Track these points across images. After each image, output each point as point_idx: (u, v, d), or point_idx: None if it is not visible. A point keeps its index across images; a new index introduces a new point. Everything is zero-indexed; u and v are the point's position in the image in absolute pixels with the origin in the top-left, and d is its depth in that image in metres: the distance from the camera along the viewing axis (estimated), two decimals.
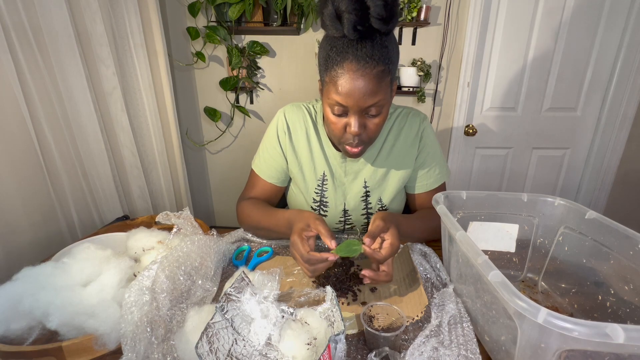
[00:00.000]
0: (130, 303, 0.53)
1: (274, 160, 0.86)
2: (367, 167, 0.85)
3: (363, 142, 0.69)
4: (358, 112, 0.64)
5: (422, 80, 1.72)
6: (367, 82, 0.60)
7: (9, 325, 0.54)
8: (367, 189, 0.86)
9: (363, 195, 0.87)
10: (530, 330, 0.40)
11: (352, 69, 0.59)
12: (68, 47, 1.06)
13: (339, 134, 0.69)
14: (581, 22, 1.64)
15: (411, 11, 1.58)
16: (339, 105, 0.64)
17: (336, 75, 0.61)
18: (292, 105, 0.87)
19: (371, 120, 0.66)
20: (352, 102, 0.62)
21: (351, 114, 0.65)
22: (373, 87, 0.60)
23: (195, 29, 1.62)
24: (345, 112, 0.65)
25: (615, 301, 0.57)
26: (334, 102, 0.64)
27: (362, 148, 0.71)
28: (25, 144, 0.94)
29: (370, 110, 0.64)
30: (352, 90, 0.60)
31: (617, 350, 0.35)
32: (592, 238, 0.62)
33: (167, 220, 0.81)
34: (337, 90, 0.62)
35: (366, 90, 0.60)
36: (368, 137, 0.69)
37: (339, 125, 0.68)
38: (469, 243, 0.52)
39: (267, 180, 0.87)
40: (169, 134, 1.59)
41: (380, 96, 0.62)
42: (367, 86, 0.60)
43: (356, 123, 0.64)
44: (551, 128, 1.83)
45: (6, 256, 0.88)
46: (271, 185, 0.88)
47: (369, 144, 0.73)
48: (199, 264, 0.67)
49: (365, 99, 0.61)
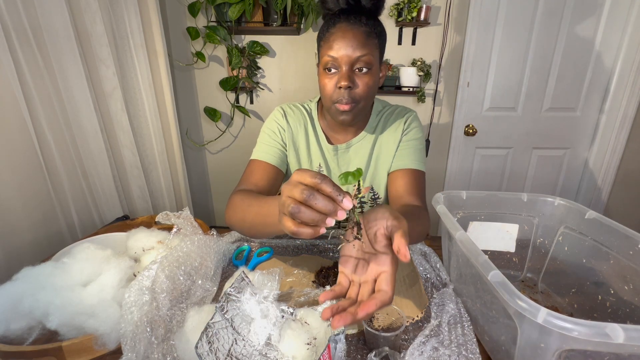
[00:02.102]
0: (130, 303, 0.53)
1: (275, 145, 0.86)
2: (358, 158, 0.87)
3: (353, 99, 0.73)
4: (348, 64, 0.70)
5: (422, 80, 1.72)
6: (355, 35, 0.69)
7: (9, 325, 0.54)
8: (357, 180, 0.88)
9: (355, 185, 0.87)
10: (530, 330, 0.40)
11: (343, 27, 0.70)
12: (68, 48, 1.06)
13: (331, 92, 0.74)
14: (581, 22, 1.64)
15: (411, 11, 1.58)
16: (331, 59, 0.71)
17: (329, 35, 0.71)
18: (287, 104, 0.91)
19: (360, 77, 0.72)
20: (342, 52, 0.70)
21: (342, 69, 0.71)
22: (361, 40, 0.69)
23: (195, 29, 1.62)
24: (336, 66, 0.72)
25: (615, 301, 0.57)
26: (327, 60, 0.72)
27: (352, 107, 0.74)
28: (25, 144, 0.94)
29: (358, 63, 0.70)
30: (342, 43, 0.69)
31: (617, 350, 0.36)
32: (592, 238, 0.62)
33: (167, 220, 0.81)
34: (330, 46, 0.71)
35: (354, 43, 0.69)
36: (358, 95, 0.73)
37: (331, 83, 0.73)
38: (469, 243, 0.52)
39: (268, 161, 0.83)
40: (169, 134, 1.59)
41: (367, 50, 0.70)
42: (355, 39, 0.69)
43: (346, 74, 0.70)
44: (551, 128, 1.83)
45: (6, 256, 0.88)
46: (272, 167, 0.83)
47: (358, 106, 0.75)
48: (198, 264, 0.67)
49: (353, 49, 0.69)
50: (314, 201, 0.36)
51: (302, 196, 0.36)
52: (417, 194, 0.79)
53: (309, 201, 0.36)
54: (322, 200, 0.36)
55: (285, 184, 0.39)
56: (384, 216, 0.44)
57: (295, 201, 0.36)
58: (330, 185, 0.36)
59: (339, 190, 0.36)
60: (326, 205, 0.36)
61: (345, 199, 0.36)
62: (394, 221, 0.43)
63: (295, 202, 0.36)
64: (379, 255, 0.45)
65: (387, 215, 0.44)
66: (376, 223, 0.45)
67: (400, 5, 1.59)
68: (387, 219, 0.44)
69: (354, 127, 0.86)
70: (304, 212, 0.36)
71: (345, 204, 0.36)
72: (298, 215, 0.36)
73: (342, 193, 0.36)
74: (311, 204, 0.36)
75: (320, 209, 0.36)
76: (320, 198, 0.36)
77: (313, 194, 0.36)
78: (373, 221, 0.45)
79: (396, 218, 0.44)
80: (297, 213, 0.36)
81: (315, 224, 0.37)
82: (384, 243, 0.44)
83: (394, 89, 1.72)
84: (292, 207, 0.36)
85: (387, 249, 0.44)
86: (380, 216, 0.45)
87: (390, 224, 0.43)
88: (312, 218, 0.36)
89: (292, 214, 0.36)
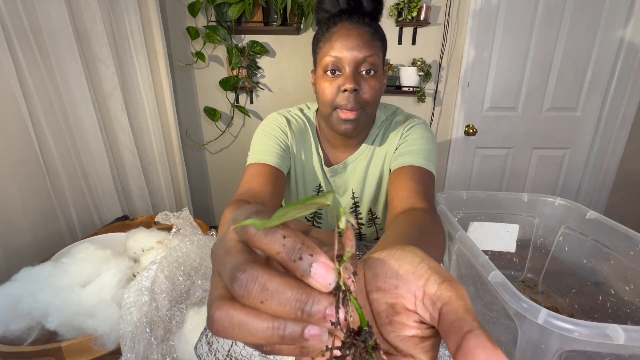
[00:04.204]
0: (129, 303, 0.53)
1: (274, 145, 0.73)
2: (355, 179, 0.79)
3: (359, 103, 0.64)
4: (353, 65, 0.63)
5: (422, 80, 1.72)
6: (360, 34, 0.63)
7: (8, 326, 0.54)
8: (355, 200, 0.82)
9: (352, 206, 0.83)
10: (531, 331, 0.39)
11: (346, 26, 0.63)
12: (68, 47, 1.06)
13: (332, 97, 0.65)
14: (581, 22, 1.63)
15: (411, 11, 1.58)
16: (334, 59, 0.63)
17: (331, 35, 0.64)
18: (285, 111, 0.80)
19: (366, 80, 0.64)
20: (347, 53, 0.62)
21: (345, 70, 0.64)
22: (367, 40, 0.63)
23: (195, 28, 1.62)
24: (339, 68, 0.64)
25: (615, 301, 0.57)
26: (328, 61, 0.64)
27: (358, 114, 0.64)
28: (25, 144, 0.94)
29: (364, 64, 0.63)
30: (346, 42, 0.62)
31: (617, 350, 0.35)
32: (592, 238, 0.62)
33: (166, 220, 0.81)
34: (332, 46, 0.63)
35: (360, 42, 0.62)
36: (365, 100, 0.65)
37: (332, 87, 0.64)
38: (469, 243, 0.52)
39: (267, 163, 0.69)
40: (168, 134, 1.59)
41: (373, 51, 0.63)
42: (361, 38, 0.62)
43: (351, 76, 0.63)
44: (551, 128, 1.82)
45: (6, 256, 0.88)
46: (271, 169, 0.69)
47: (364, 112, 0.66)
48: (198, 264, 0.67)
49: (359, 49, 0.62)
50: (259, 296, 0.15)
51: (234, 285, 0.16)
52: (425, 195, 0.59)
53: (246, 298, 0.15)
54: (274, 288, 0.15)
55: (214, 245, 0.19)
56: (416, 272, 0.18)
57: (223, 298, 0.16)
58: (288, 235, 0.16)
59: (303, 245, 0.16)
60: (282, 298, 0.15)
61: (316, 262, 0.15)
62: (444, 286, 0.17)
63: (222, 301, 0.16)
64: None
65: (424, 270, 0.18)
66: (399, 285, 0.18)
67: (400, 5, 1.59)
68: (424, 280, 0.18)
69: (354, 141, 0.75)
70: (241, 322, 0.16)
71: (317, 276, 0.15)
72: (233, 334, 0.16)
73: (311, 249, 0.16)
74: (253, 303, 0.15)
75: (275, 312, 0.15)
76: (270, 281, 0.15)
77: (253, 276, 0.15)
78: (389, 278, 0.19)
79: (446, 280, 0.17)
80: (226, 329, 0.16)
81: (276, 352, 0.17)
82: (414, 332, 0.18)
83: (394, 88, 1.72)
84: (216, 315, 0.16)
85: (418, 346, 0.18)
86: (407, 271, 0.18)
87: (434, 291, 0.17)
88: (263, 337, 0.15)
89: (220, 330, 0.16)
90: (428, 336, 0.18)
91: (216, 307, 0.16)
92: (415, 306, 0.18)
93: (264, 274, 0.16)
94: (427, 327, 0.18)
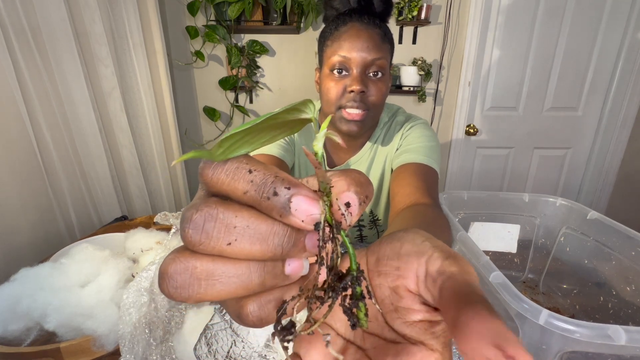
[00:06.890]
0: (128, 304, 0.53)
1: (278, 144, 0.72)
2: None
3: (365, 104, 0.63)
4: (361, 67, 0.62)
5: (422, 79, 1.71)
6: (371, 36, 0.62)
7: (6, 327, 0.53)
8: None
9: None
10: (532, 332, 0.39)
11: (356, 26, 0.62)
12: (67, 47, 1.05)
13: (338, 97, 0.64)
14: (582, 22, 1.63)
15: (412, 10, 1.57)
16: (342, 59, 0.63)
17: (340, 34, 0.63)
18: None
19: (374, 83, 0.63)
20: (356, 54, 0.62)
21: (353, 71, 0.63)
22: (377, 42, 0.62)
23: (195, 28, 1.62)
24: (347, 68, 0.63)
25: (617, 302, 0.57)
26: (336, 61, 0.63)
27: (364, 115, 0.64)
28: (23, 144, 0.94)
29: (373, 66, 0.63)
30: (356, 43, 0.62)
31: (619, 352, 0.35)
32: (593, 238, 0.62)
33: (165, 220, 0.81)
34: (340, 45, 0.62)
35: (369, 44, 0.62)
36: (371, 103, 0.64)
37: (338, 87, 0.64)
38: (470, 243, 0.51)
39: (271, 153, 0.69)
40: (168, 134, 1.59)
41: (382, 54, 0.63)
42: (372, 39, 0.62)
43: (359, 78, 0.62)
44: (552, 128, 1.82)
45: (4, 257, 0.88)
46: (276, 159, 0.68)
47: (369, 114, 0.65)
48: None
49: (369, 50, 0.62)
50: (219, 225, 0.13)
51: (187, 230, 0.13)
52: (428, 191, 0.58)
53: (205, 244, 0.13)
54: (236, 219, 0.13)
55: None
56: (419, 250, 0.16)
57: (179, 250, 0.14)
58: (259, 169, 0.14)
59: (277, 178, 0.14)
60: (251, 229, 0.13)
61: (297, 195, 0.13)
62: (447, 262, 0.15)
63: (178, 252, 0.14)
64: (405, 349, 0.16)
65: (427, 247, 0.16)
66: (400, 265, 0.16)
67: (400, 4, 1.58)
68: (427, 257, 0.15)
69: (357, 142, 0.75)
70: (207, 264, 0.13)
71: (299, 212, 0.13)
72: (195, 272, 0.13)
73: (287, 181, 0.14)
74: (217, 249, 0.13)
75: (248, 254, 0.13)
76: (233, 215, 0.13)
77: (211, 214, 0.13)
78: (390, 259, 0.16)
79: (450, 256, 0.15)
80: (188, 284, 0.13)
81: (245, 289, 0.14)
82: (421, 316, 0.16)
83: (395, 88, 1.71)
84: (171, 269, 0.13)
85: (427, 331, 0.16)
86: (409, 250, 0.16)
87: (436, 268, 0.15)
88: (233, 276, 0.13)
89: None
90: (438, 320, 0.16)
91: (170, 260, 0.13)
92: (417, 287, 0.15)
93: (226, 210, 0.13)
94: (435, 309, 0.16)
